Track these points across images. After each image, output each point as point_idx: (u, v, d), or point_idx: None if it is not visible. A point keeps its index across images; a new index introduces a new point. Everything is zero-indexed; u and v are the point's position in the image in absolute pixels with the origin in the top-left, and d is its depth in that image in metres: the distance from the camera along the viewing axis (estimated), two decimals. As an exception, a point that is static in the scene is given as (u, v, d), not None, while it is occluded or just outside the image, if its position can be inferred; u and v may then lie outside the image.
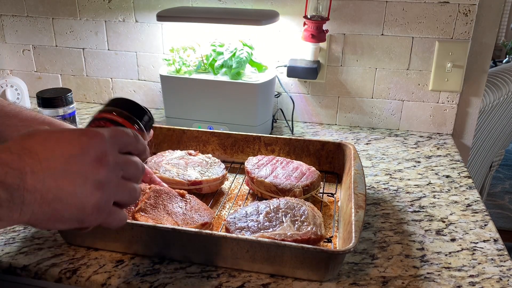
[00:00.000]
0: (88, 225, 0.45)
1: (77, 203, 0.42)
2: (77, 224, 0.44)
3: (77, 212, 0.42)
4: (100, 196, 0.43)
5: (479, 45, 1.20)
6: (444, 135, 1.27)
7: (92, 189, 0.42)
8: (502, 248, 0.78)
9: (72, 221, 0.43)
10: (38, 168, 0.40)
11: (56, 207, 0.41)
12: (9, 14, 1.39)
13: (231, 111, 1.16)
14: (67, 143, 0.42)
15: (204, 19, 1.16)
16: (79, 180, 0.42)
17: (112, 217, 0.47)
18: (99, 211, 0.44)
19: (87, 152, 0.42)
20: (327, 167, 1.01)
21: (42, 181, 0.40)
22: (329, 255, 0.66)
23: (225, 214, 0.85)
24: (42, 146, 0.41)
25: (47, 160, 0.40)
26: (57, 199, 0.41)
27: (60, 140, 0.42)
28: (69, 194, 0.41)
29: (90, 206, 0.43)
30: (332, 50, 1.25)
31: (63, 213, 0.42)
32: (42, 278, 0.71)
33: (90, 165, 0.42)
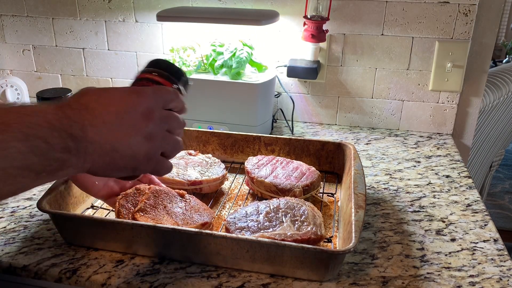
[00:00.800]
0: (140, 173, 0.50)
1: (130, 153, 0.47)
2: (131, 171, 0.49)
3: (131, 161, 0.47)
4: (150, 146, 0.48)
5: (479, 45, 1.20)
6: (444, 135, 1.27)
7: (143, 140, 0.47)
8: (502, 248, 0.78)
9: (127, 169, 0.48)
10: (95, 122, 0.44)
11: (113, 156, 0.46)
12: (9, 14, 1.39)
13: (231, 111, 1.16)
14: (118, 100, 0.47)
15: (204, 19, 1.16)
16: (131, 132, 0.47)
17: (160, 165, 0.51)
18: (149, 159, 0.49)
19: (136, 108, 0.47)
20: (327, 167, 1.01)
21: (100, 134, 0.44)
22: (329, 255, 0.66)
23: (225, 214, 0.85)
24: (97, 102, 0.45)
25: (102, 115, 0.45)
26: (114, 150, 0.46)
27: (112, 98, 0.47)
28: (124, 145, 0.46)
29: (142, 155, 0.48)
30: (332, 50, 1.25)
31: (119, 162, 0.47)
32: (42, 278, 0.71)
33: (140, 120, 0.47)
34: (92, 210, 0.85)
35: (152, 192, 0.78)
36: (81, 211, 0.84)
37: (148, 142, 0.48)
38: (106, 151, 0.45)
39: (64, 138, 0.42)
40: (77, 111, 0.44)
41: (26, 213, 0.86)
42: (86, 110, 0.44)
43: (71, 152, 0.42)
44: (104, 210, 0.85)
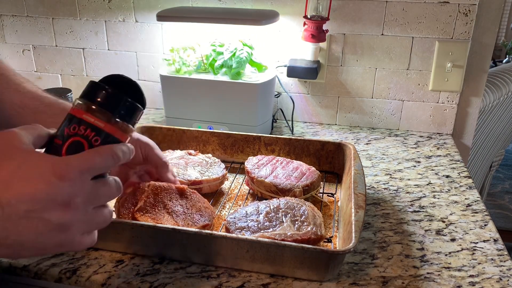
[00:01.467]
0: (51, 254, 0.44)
1: (37, 246, 0.41)
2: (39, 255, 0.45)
3: (37, 252, 0.42)
4: (63, 238, 0.42)
5: (479, 45, 1.20)
6: (444, 135, 1.27)
7: (55, 233, 0.41)
8: (502, 248, 0.78)
9: (32, 255, 0.43)
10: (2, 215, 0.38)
11: (17, 249, 0.41)
12: (9, 14, 1.39)
13: (231, 111, 1.16)
14: (34, 185, 0.39)
15: (204, 19, 1.16)
16: (41, 227, 0.40)
17: (76, 247, 0.44)
18: (62, 247, 0.43)
19: (53, 197, 0.40)
20: (327, 167, 1.01)
21: (3, 228, 0.39)
22: (329, 255, 0.66)
23: (225, 214, 0.85)
24: (6, 186, 0.39)
25: (10, 206, 0.39)
26: (17, 244, 0.40)
27: (26, 180, 0.40)
28: (29, 240, 0.40)
29: (51, 246, 0.42)
30: (332, 50, 1.25)
31: (23, 253, 0.41)
32: (42, 278, 0.71)
33: (55, 210, 0.40)
34: (92, 210, 0.85)
35: (152, 189, 0.78)
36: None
37: (61, 234, 0.41)
38: (7, 245, 0.40)
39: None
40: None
41: (26, 213, 0.86)
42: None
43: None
44: (104, 210, 0.85)
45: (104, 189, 0.45)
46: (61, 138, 0.45)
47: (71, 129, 0.45)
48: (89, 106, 0.45)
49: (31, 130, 0.44)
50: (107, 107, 0.45)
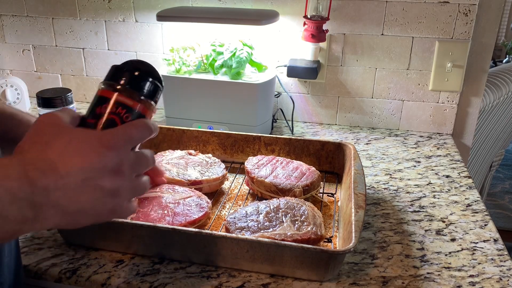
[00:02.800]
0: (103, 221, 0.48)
1: (94, 212, 0.45)
2: (93, 223, 0.47)
3: (94, 218, 0.46)
4: (115, 203, 0.46)
5: (479, 45, 1.20)
6: (444, 135, 1.27)
7: (109, 198, 0.45)
8: (502, 248, 0.78)
9: (89, 223, 0.47)
10: (60, 184, 0.42)
11: (76, 217, 0.44)
12: (9, 14, 1.39)
13: (231, 111, 1.16)
14: (85, 156, 0.43)
15: (204, 19, 1.16)
16: (97, 193, 0.44)
17: (124, 213, 0.49)
18: (114, 213, 0.47)
19: (105, 165, 0.44)
20: (327, 167, 1.01)
21: (64, 197, 0.42)
22: (329, 255, 0.66)
23: (225, 214, 0.85)
24: (62, 158, 0.42)
25: (68, 175, 0.42)
26: (77, 211, 0.44)
27: (79, 152, 0.43)
28: (88, 206, 0.44)
29: (106, 211, 0.46)
30: (332, 50, 1.25)
31: (82, 220, 0.45)
32: (42, 278, 0.71)
33: (107, 177, 0.44)
34: (92, 210, 0.85)
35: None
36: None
37: (114, 198, 0.46)
38: (68, 213, 0.43)
39: (22, 210, 0.40)
40: (41, 172, 0.41)
41: (26, 213, 0.86)
42: (51, 170, 0.42)
43: (27, 223, 0.41)
44: (104, 210, 0.85)
45: (143, 158, 0.49)
46: (93, 117, 0.49)
47: (103, 109, 0.49)
48: (118, 87, 0.49)
49: (66, 112, 0.49)
50: (134, 87, 0.50)
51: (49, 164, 0.42)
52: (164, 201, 0.80)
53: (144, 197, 0.81)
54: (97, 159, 0.44)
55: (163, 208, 0.78)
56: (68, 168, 0.42)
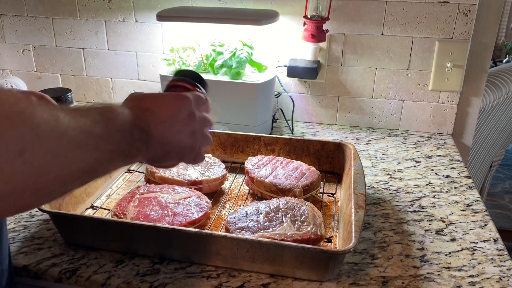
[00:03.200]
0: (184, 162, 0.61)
1: (181, 145, 0.58)
2: (177, 161, 0.60)
3: (180, 152, 0.58)
4: (193, 140, 0.59)
5: (479, 45, 1.20)
6: (444, 135, 1.27)
7: (189, 136, 0.58)
8: (502, 248, 0.78)
9: (176, 158, 0.59)
10: (156, 120, 0.55)
11: (168, 148, 0.56)
12: (9, 14, 1.39)
13: (231, 111, 1.16)
14: (170, 104, 0.57)
15: (204, 19, 1.16)
16: (181, 130, 0.57)
17: (198, 156, 0.62)
18: (192, 150, 0.60)
19: (184, 110, 0.58)
20: (327, 167, 1.00)
21: (160, 130, 0.55)
22: (329, 255, 0.66)
23: (225, 214, 0.85)
24: (154, 106, 0.55)
25: (161, 115, 0.55)
26: (169, 143, 0.56)
27: (165, 102, 0.57)
28: (176, 139, 0.57)
29: (188, 147, 0.59)
30: (332, 50, 1.25)
31: (172, 152, 0.57)
32: (42, 278, 0.71)
33: (186, 120, 0.58)
34: (92, 210, 0.85)
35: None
36: (81, 211, 0.84)
37: (192, 137, 0.59)
38: (163, 144, 0.55)
39: (141, 132, 0.52)
40: (143, 112, 0.54)
41: (26, 213, 0.86)
42: (149, 112, 0.54)
43: (143, 143, 0.53)
44: (104, 210, 0.85)
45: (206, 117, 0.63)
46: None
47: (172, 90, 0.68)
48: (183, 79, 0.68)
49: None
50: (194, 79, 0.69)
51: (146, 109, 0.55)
52: (164, 201, 0.80)
53: (144, 197, 0.81)
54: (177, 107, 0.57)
55: (163, 208, 0.78)
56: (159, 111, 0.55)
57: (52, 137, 0.39)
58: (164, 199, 0.80)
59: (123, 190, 0.93)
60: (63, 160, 0.41)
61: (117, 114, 0.50)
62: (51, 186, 0.41)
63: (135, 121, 0.52)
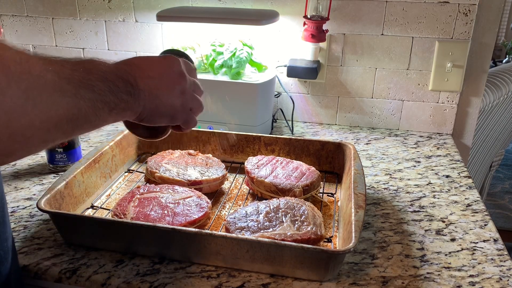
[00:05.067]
0: (175, 122, 0.61)
1: (170, 102, 0.58)
2: (169, 119, 0.59)
3: (170, 109, 0.58)
4: (183, 99, 0.59)
5: (479, 45, 1.20)
6: (444, 135, 1.27)
7: (178, 93, 0.59)
8: (502, 248, 0.78)
9: (167, 115, 0.58)
10: (143, 75, 0.54)
11: (157, 104, 0.56)
12: (9, 14, 1.39)
13: (231, 111, 1.16)
14: (158, 63, 0.58)
15: (204, 19, 1.16)
16: (170, 86, 0.58)
17: (190, 118, 0.63)
18: (183, 109, 0.60)
19: (173, 69, 0.59)
20: (327, 167, 1.01)
21: (147, 84, 0.54)
22: (329, 255, 0.66)
23: (225, 214, 0.85)
24: (142, 63, 0.56)
25: (148, 71, 0.55)
26: (157, 98, 0.56)
27: (153, 60, 0.58)
28: (165, 95, 0.57)
29: (178, 104, 0.59)
30: (332, 50, 1.25)
31: (162, 108, 0.57)
32: (42, 278, 0.71)
33: (175, 77, 0.58)
34: (92, 210, 0.85)
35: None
36: (81, 211, 0.84)
37: (182, 95, 0.59)
38: (152, 98, 0.55)
39: (126, 84, 0.51)
40: (129, 66, 0.54)
41: (26, 213, 0.86)
42: (136, 66, 0.54)
43: (131, 95, 0.52)
44: (104, 210, 0.85)
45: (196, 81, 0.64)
46: None
47: None
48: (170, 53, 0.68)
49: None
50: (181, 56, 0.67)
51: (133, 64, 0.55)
52: (164, 201, 0.80)
53: (144, 197, 0.81)
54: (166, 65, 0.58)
55: (163, 208, 0.78)
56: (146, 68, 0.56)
57: (23, 79, 0.38)
58: (164, 199, 0.80)
59: (123, 190, 0.93)
60: (38, 104, 0.39)
61: (98, 64, 0.50)
62: (27, 130, 0.39)
63: (118, 73, 0.51)
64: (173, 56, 0.61)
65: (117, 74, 0.51)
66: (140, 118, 0.56)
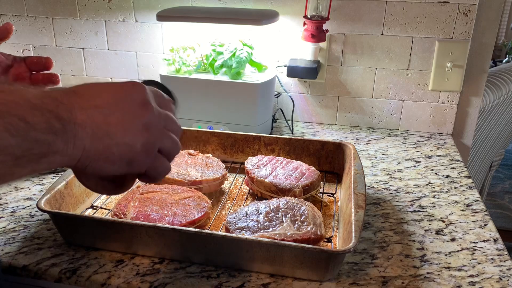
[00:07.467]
0: (136, 169, 0.45)
1: (126, 140, 0.42)
2: (126, 166, 0.43)
3: (126, 150, 0.42)
4: (147, 136, 0.44)
5: (479, 45, 1.20)
6: (444, 135, 1.27)
7: (140, 128, 0.43)
8: (502, 248, 0.78)
9: (121, 161, 0.43)
10: (86, 105, 0.40)
11: (107, 144, 0.41)
12: (9, 14, 1.39)
13: (231, 111, 1.16)
14: (112, 89, 0.43)
15: (204, 19, 1.16)
16: (127, 118, 0.42)
17: (158, 162, 0.47)
18: (147, 152, 0.44)
19: (132, 96, 0.43)
20: (327, 167, 1.00)
21: (91, 117, 0.40)
22: (329, 255, 0.66)
23: (225, 214, 0.85)
24: (89, 89, 0.42)
25: (94, 99, 0.41)
26: (107, 135, 0.41)
27: (105, 87, 0.43)
28: (119, 131, 0.41)
29: (139, 144, 0.43)
30: (332, 50, 1.25)
31: (114, 150, 0.41)
32: (42, 278, 0.71)
33: (136, 108, 0.43)
34: (92, 210, 0.85)
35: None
36: (81, 211, 0.84)
37: (145, 131, 0.43)
38: (98, 136, 0.40)
39: (47, 117, 0.36)
40: (64, 93, 0.39)
41: (26, 213, 0.86)
42: (75, 94, 0.40)
43: (57, 134, 0.37)
44: (104, 210, 0.85)
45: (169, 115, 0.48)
46: None
47: None
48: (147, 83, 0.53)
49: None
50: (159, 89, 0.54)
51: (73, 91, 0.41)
52: (164, 201, 0.80)
53: (144, 197, 0.81)
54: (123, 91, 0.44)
55: (163, 208, 0.78)
56: (94, 94, 0.41)
57: None
58: (164, 199, 0.80)
59: (123, 190, 0.93)
60: None
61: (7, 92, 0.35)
62: None
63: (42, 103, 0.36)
64: (136, 81, 0.46)
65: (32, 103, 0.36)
66: (82, 165, 0.41)
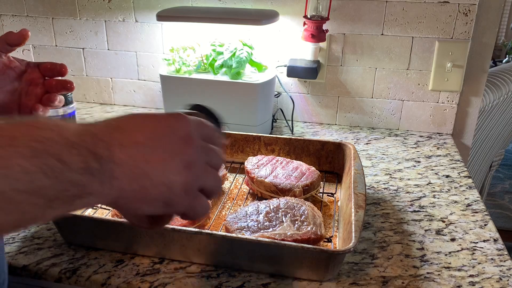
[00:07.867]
0: (174, 210, 0.42)
1: (165, 181, 0.39)
2: (163, 206, 0.40)
3: (165, 191, 0.40)
4: (188, 176, 0.41)
5: (479, 45, 1.20)
6: (444, 135, 1.27)
7: (181, 168, 0.40)
8: (502, 248, 0.78)
9: (158, 202, 0.40)
10: (125, 142, 0.37)
11: (145, 184, 0.38)
12: (9, 14, 1.39)
13: (231, 111, 1.16)
14: (155, 122, 0.41)
15: (204, 19, 1.16)
16: (168, 157, 0.39)
17: (197, 202, 0.43)
18: (187, 192, 0.41)
19: (174, 131, 0.41)
20: (327, 167, 1.00)
21: (130, 155, 0.37)
22: (329, 255, 0.66)
23: (225, 214, 0.85)
24: (129, 123, 0.39)
25: (135, 135, 0.38)
26: (146, 175, 0.38)
27: (147, 119, 0.41)
28: (158, 170, 0.39)
29: (178, 185, 0.40)
30: (332, 50, 1.25)
31: (151, 191, 0.39)
32: (42, 278, 0.71)
33: (178, 143, 0.41)
34: (92, 210, 0.85)
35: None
36: (81, 211, 0.84)
37: (186, 170, 0.40)
38: (136, 176, 0.38)
39: (85, 157, 0.34)
40: (103, 128, 0.37)
41: (26, 213, 0.86)
42: (114, 129, 0.38)
43: (94, 175, 0.35)
44: (104, 210, 0.85)
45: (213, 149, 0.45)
46: None
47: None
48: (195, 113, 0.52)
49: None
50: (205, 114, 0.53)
51: (113, 125, 0.38)
52: None
53: None
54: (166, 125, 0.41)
55: None
56: (134, 129, 0.39)
57: None
58: None
59: (123, 190, 0.93)
60: None
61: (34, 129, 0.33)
62: None
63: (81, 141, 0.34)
64: (180, 113, 0.43)
65: (70, 141, 0.34)
66: (117, 205, 0.40)
